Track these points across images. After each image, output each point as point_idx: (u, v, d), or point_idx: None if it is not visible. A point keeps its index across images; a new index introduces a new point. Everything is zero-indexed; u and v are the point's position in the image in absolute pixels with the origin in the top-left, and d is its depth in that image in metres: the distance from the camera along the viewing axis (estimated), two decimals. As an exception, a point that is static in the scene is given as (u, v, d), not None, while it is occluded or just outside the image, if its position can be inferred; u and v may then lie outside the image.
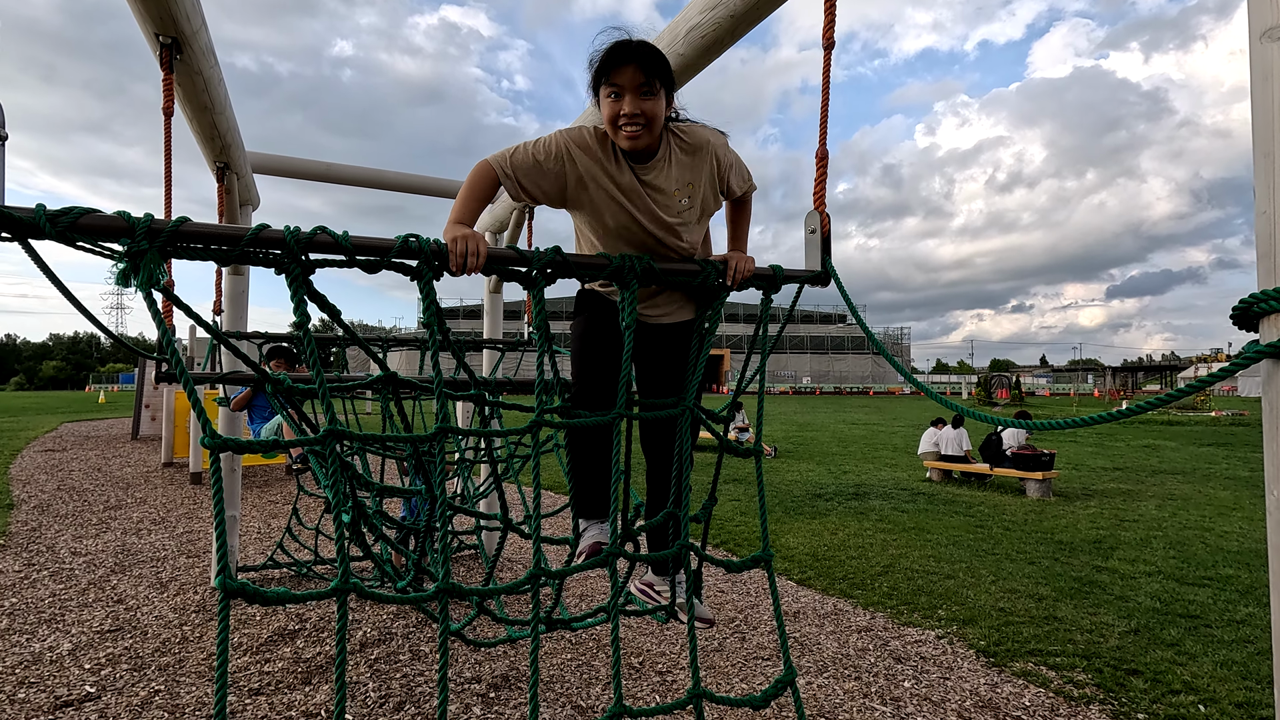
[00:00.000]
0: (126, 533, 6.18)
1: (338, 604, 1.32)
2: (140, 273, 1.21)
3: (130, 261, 1.21)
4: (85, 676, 3.25)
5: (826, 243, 1.90)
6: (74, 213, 1.20)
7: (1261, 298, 0.96)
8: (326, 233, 1.36)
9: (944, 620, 4.14)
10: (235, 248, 1.29)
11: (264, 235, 1.31)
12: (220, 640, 1.20)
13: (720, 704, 1.80)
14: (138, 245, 1.21)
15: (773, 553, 1.91)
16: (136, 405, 14.64)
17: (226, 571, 1.20)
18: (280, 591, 1.26)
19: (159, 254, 1.23)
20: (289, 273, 1.32)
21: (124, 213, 1.22)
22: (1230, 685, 3.26)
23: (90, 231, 1.21)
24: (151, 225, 1.22)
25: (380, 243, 1.42)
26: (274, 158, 4.54)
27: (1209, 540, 6.18)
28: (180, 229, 1.24)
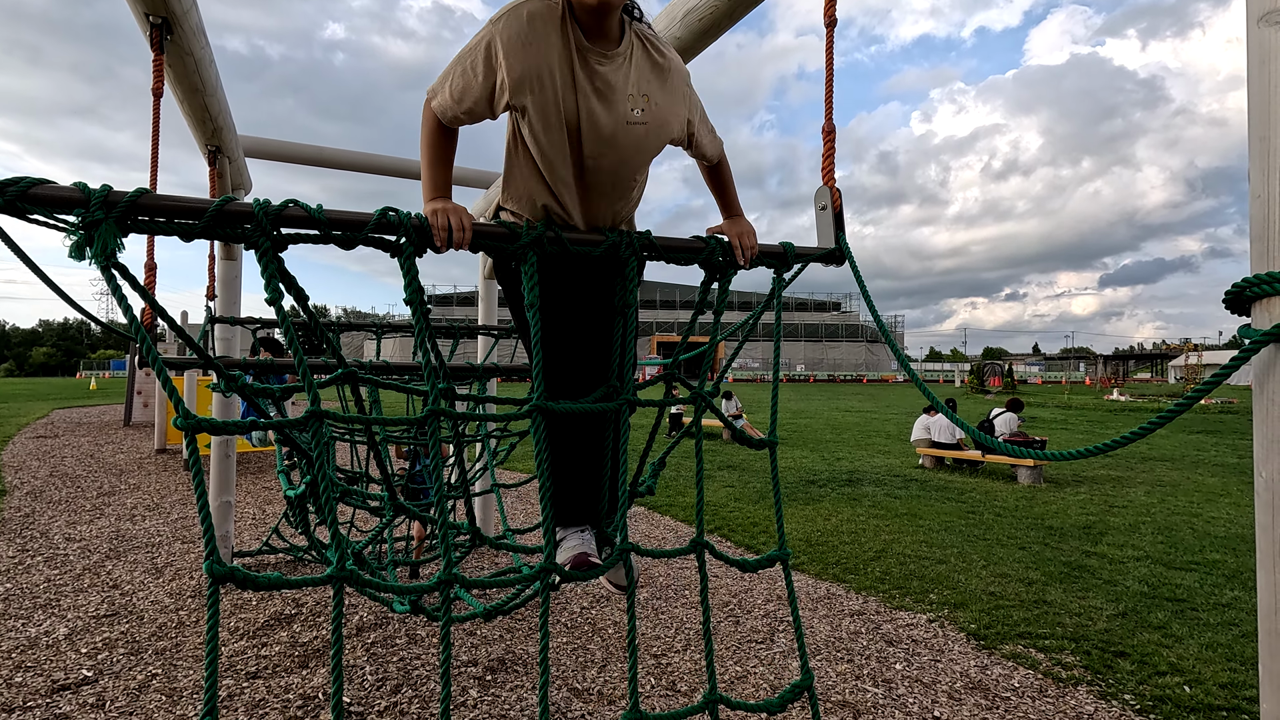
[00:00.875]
0: (121, 519, 6.17)
1: (334, 591, 1.32)
2: (95, 244, 1.18)
3: (85, 233, 1.18)
4: (82, 661, 3.26)
5: (839, 219, 1.83)
6: (24, 182, 1.16)
7: (1254, 281, 0.96)
8: (299, 205, 1.32)
9: (935, 604, 4.19)
10: (199, 220, 1.26)
11: (230, 209, 1.27)
12: (210, 625, 1.19)
13: (736, 709, 1.74)
14: (92, 215, 1.18)
15: (790, 551, 1.81)
16: (128, 392, 14.56)
17: (214, 556, 1.20)
18: (273, 577, 1.26)
19: (117, 226, 1.21)
20: (258, 248, 1.29)
21: (80, 183, 1.19)
22: (1215, 667, 3.31)
23: (42, 202, 1.17)
24: (108, 196, 1.19)
25: (356, 216, 1.37)
26: (266, 141, 4.49)
27: (1196, 526, 6.26)
28: (138, 200, 1.21)
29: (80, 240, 1.18)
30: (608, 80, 1.59)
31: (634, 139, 1.67)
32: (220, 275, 4.46)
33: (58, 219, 1.19)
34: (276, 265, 1.31)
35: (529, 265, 1.53)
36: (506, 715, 2.85)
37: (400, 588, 1.47)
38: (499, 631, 3.69)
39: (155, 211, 1.24)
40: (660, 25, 2.50)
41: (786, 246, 1.86)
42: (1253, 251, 0.99)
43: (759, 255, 1.81)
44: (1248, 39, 0.99)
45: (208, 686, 1.18)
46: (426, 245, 1.43)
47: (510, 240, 1.53)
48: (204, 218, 1.26)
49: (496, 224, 1.55)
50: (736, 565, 1.77)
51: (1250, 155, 0.99)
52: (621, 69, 1.61)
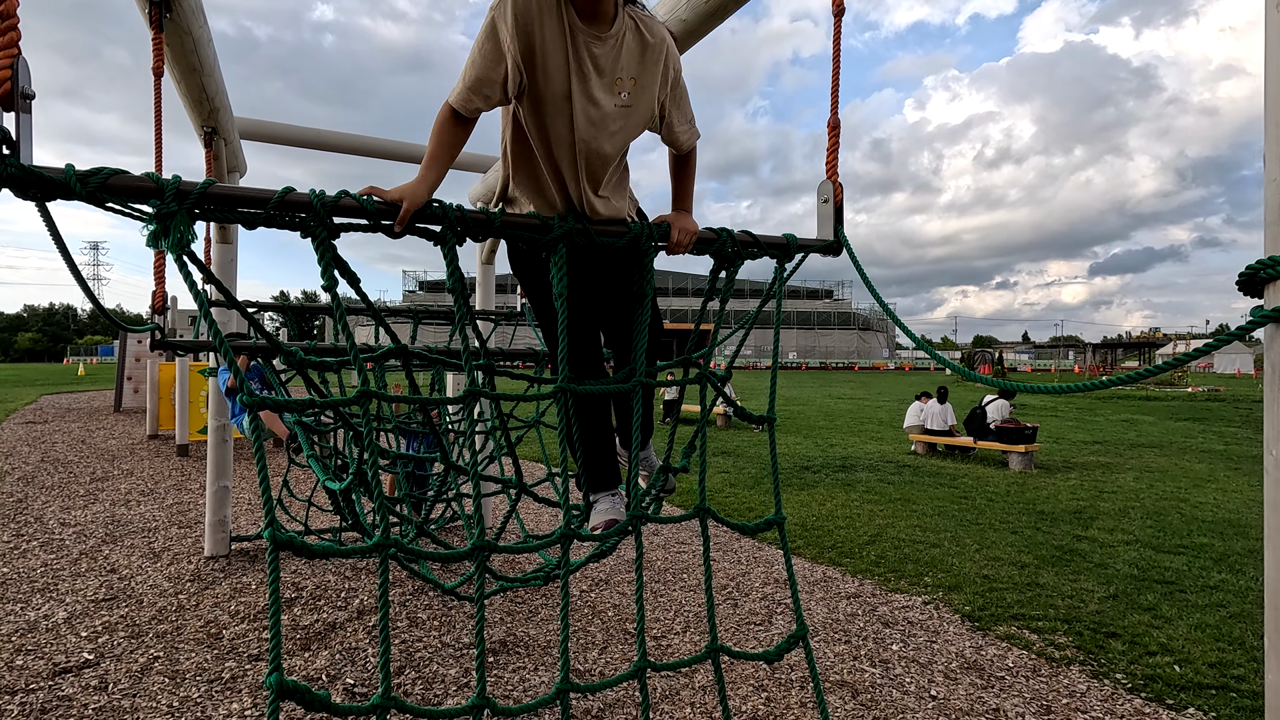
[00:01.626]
0: (115, 504, 6.15)
1: (379, 561, 1.37)
2: (170, 235, 1.21)
3: (160, 223, 1.21)
4: (83, 644, 3.27)
5: (839, 212, 1.89)
6: (103, 173, 1.20)
7: (1269, 263, 0.98)
8: (351, 197, 1.37)
9: (930, 587, 4.25)
10: (263, 210, 1.29)
11: (290, 199, 1.31)
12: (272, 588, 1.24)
13: (736, 658, 1.85)
14: (167, 207, 1.20)
15: (785, 515, 1.93)
16: (118, 378, 14.45)
17: (275, 524, 1.23)
18: (326, 545, 1.31)
19: (187, 216, 1.23)
20: (315, 236, 1.33)
21: (153, 174, 1.21)
22: (1204, 647, 3.38)
23: (119, 192, 1.20)
24: (180, 187, 1.22)
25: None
26: (261, 123, 4.44)
27: (1184, 510, 6.36)
28: (209, 191, 1.24)
29: (156, 230, 1.20)
30: (599, 63, 1.61)
31: (620, 122, 1.69)
32: (216, 259, 4.42)
33: (132, 208, 1.21)
34: (332, 254, 1.34)
35: (559, 257, 1.57)
36: (510, 695, 2.88)
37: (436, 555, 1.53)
38: (500, 615, 3.72)
39: (223, 201, 1.28)
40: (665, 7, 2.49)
41: (789, 238, 1.91)
42: (1267, 235, 1.00)
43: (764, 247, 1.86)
44: (1266, 23, 1.00)
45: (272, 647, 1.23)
46: (467, 234, 1.46)
47: (543, 232, 1.56)
48: (268, 207, 1.30)
49: (527, 216, 1.58)
50: (737, 529, 1.92)
51: (1266, 139, 1.00)
52: (613, 51, 1.62)
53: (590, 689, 1.58)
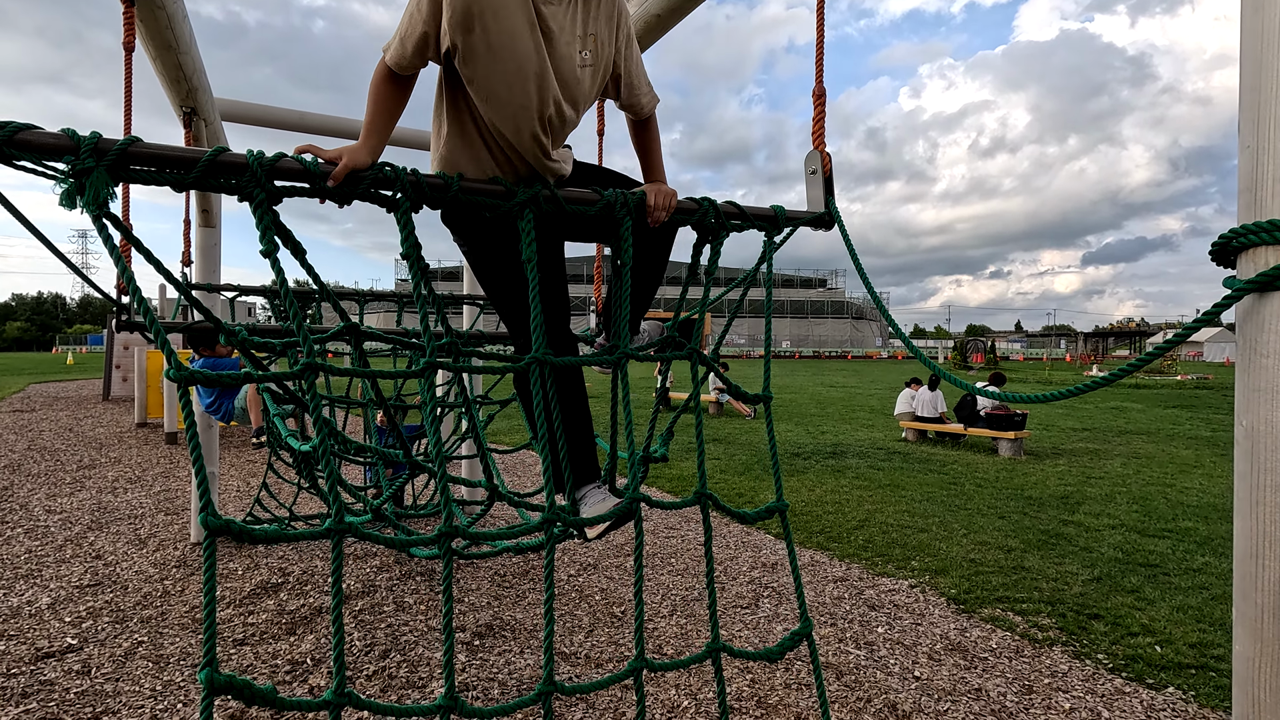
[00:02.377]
0: (102, 491, 6.11)
1: (333, 545, 1.31)
2: (86, 192, 1.16)
3: (75, 180, 1.16)
4: (66, 629, 3.25)
5: (829, 183, 1.83)
6: (10, 127, 1.13)
7: (1241, 232, 0.97)
8: (293, 159, 1.31)
9: (917, 570, 4.27)
10: (192, 171, 1.23)
11: (223, 159, 1.24)
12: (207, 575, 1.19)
13: (737, 657, 1.77)
14: (82, 163, 1.15)
15: (787, 502, 1.86)
16: (106, 366, 14.34)
17: (210, 509, 1.19)
18: (270, 530, 1.26)
19: (109, 175, 1.18)
20: (252, 199, 1.27)
21: (69, 129, 1.16)
22: (1185, 628, 3.41)
23: (30, 148, 1.14)
24: (98, 144, 1.17)
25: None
26: (243, 105, 4.37)
27: (1170, 496, 6.41)
28: (130, 149, 1.19)
29: (71, 189, 1.16)
30: (560, 21, 1.57)
31: (584, 84, 1.65)
32: (198, 243, 4.37)
33: (47, 166, 1.16)
34: (271, 218, 1.29)
35: (526, 222, 1.52)
36: (495, 679, 2.88)
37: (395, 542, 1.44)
38: (486, 599, 3.72)
39: (147, 160, 1.22)
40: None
41: (777, 209, 1.86)
42: (1240, 202, 0.99)
43: (751, 218, 1.80)
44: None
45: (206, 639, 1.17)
46: (422, 200, 1.42)
47: (506, 198, 1.51)
48: (196, 168, 1.23)
49: (489, 181, 1.54)
50: (737, 517, 1.82)
51: (1241, 106, 0.99)
52: (570, 9, 1.58)
53: (577, 690, 1.49)
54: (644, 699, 1.60)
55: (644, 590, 3.87)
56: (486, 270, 1.81)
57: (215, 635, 1.16)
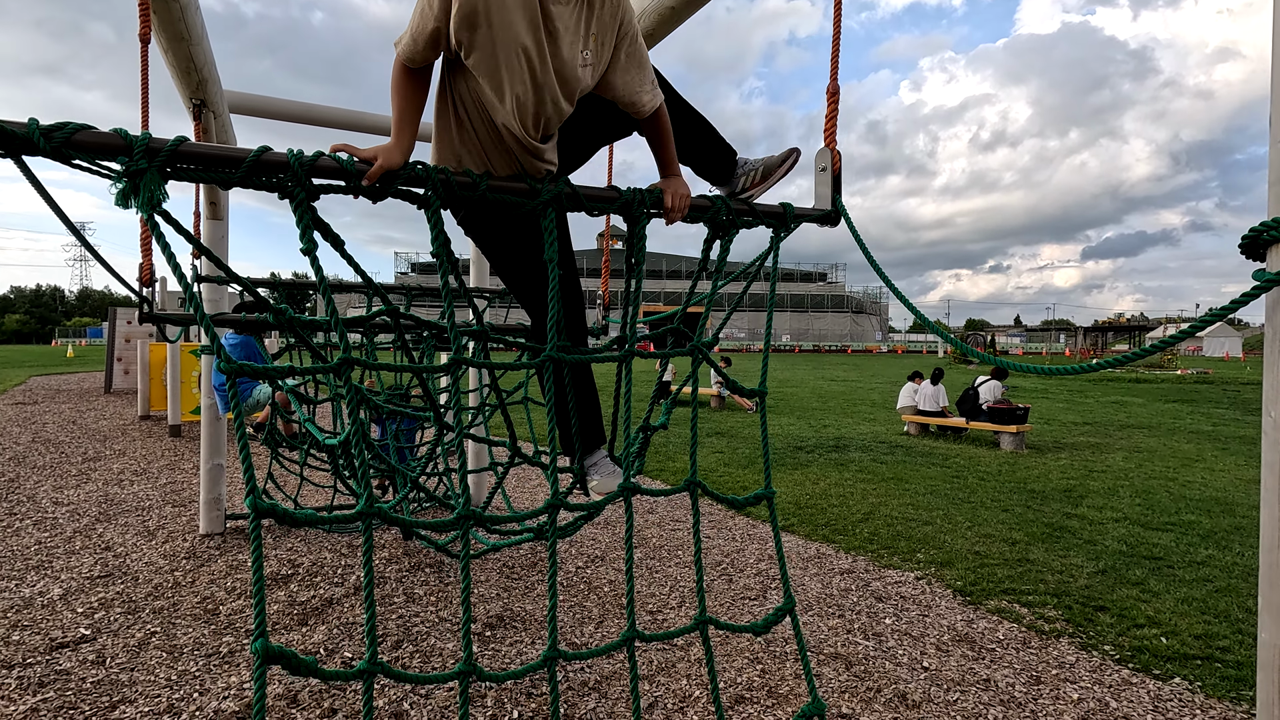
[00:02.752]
0: (108, 483, 6.12)
1: (362, 528, 1.34)
2: (140, 193, 1.18)
3: (129, 181, 1.18)
4: (79, 620, 3.27)
5: (837, 180, 1.86)
6: (69, 128, 1.16)
7: (1272, 225, 0.98)
8: (330, 157, 1.33)
9: (922, 563, 4.29)
10: (238, 170, 1.25)
11: (266, 158, 1.27)
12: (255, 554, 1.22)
13: (724, 629, 1.85)
14: (136, 164, 1.17)
15: (775, 489, 1.93)
16: (108, 359, 14.33)
17: (257, 493, 1.21)
18: (308, 513, 1.29)
19: (159, 174, 1.20)
20: (293, 197, 1.30)
21: (121, 130, 1.17)
22: (1190, 619, 3.44)
23: (86, 148, 1.17)
24: (150, 144, 1.18)
25: (388, 171, 1.40)
26: (251, 97, 4.36)
27: (1173, 489, 6.43)
28: (180, 148, 1.21)
29: (125, 188, 1.18)
30: (564, 20, 1.57)
31: (584, 82, 1.65)
32: (206, 235, 4.37)
33: (100, 165, 1.18)
34: (311, 216, 1.32)
35: (549, 221, 1.54)
36: (506, 668, 2.90)
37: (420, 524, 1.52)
38: (496, 590, 3.74)
39: (196, 160, 1.25)
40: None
41: (786, 207, 1.89)
42: (1270, 195, 1.00)
43: (760, 215, 1.83)
44: (1275, -19, 0.99)
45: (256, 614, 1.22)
46: (451, 198, 1.44)
47: (531, 196, 1.53)
48: (242, 167, 1.27)
49: (510, 179, 1.55)
50: (726, 503, 1.91)
51: (1272, 100, 1.00)
52: (575, 9, 1.59)
53: (578, 656, 1.59)
54: (636, 666, 1.72)
55: (653, 582, 3.90)
56: (507, 266, 1.84)
57: (264, 609, 1.20)
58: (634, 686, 1.64)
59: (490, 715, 2.56)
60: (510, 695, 2.69)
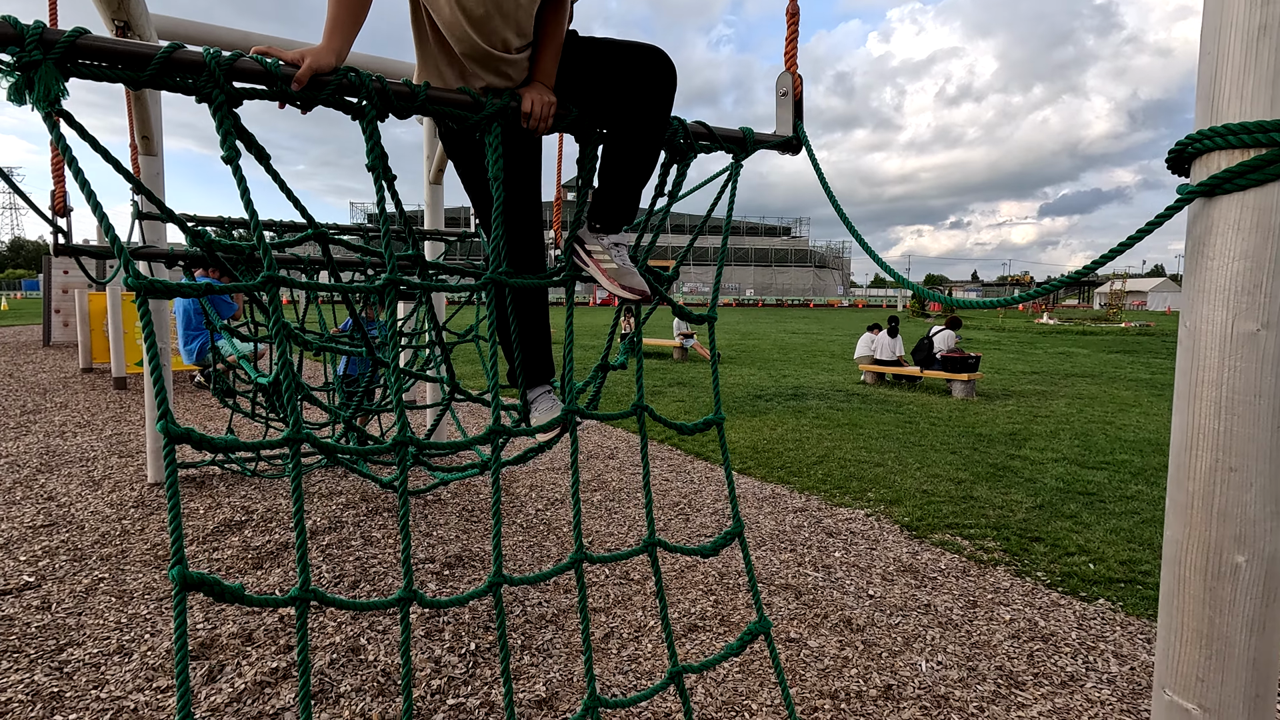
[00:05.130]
0: (50, 435, 5.91)
1: (290, 452, 1.31)
2: (35, 88, 1.09)
3: (23, 74, 1.09)
4: (21, 568, 3.18)
5: (799, 106, 1.82)
6: None
7: (1197, 138, 1.00)
8: (254, 59, 1.24)
9: (872, 501, 4.45)
10: (146, 68, 1.17)
11: (179, 56, 1.18)
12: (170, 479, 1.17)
13: (673, 551, 1.88)
14: (29, 54, 1.08)
15: (724, 415, 1.95)
16: (45, 311, 13.68)
17: (169, 418, 1.16)
18: (227, 439, 1.24)
19: (58, 69, 1.11)
20: (211, 100, 1.22)
21: (10, 17, 1.08)
22: (1117, 548, 3.65)
23: None
24: (44, 35, 1.09)
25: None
26: (183, 23, 4.09)
27: (1109, 432, 6.75)
28: (79, 41, 1.11)
29: (19, 82, 1.08)
30: None
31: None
32: (141, 172, 4.14)
33: None
34: (232, 121, 1.24)
35: (493, 137, 1.49)
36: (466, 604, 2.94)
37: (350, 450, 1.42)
38: (455, 533, 3.76)
39: (99, 55, 1.14)
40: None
41: (745, 131, 1.85)
42: (1198, 110, 1.02)
43: (720, 139, 1.79)
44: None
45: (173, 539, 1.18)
46: (388, 108, 1.38)
47: (474, 109, 1.47)
48: (151, 64, 1.16)
49: (457, 92, 1.48)
50: (675, 428, 1.90)
51: (1204, 12, 1.01)
52: None
53: (523, 581, 1.57)
54: (585, 588, 1.71)
55: (612, 523, 3.96)
56: (469, 185, 1.79)
57: (181, 536, 1.16)
58: (582, 606, 1.67)
59: (448, 647, 2.60)
60: (468, 629, 2.74)
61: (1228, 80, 0.96)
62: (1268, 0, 0.92)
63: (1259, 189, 0.94)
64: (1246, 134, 0.94)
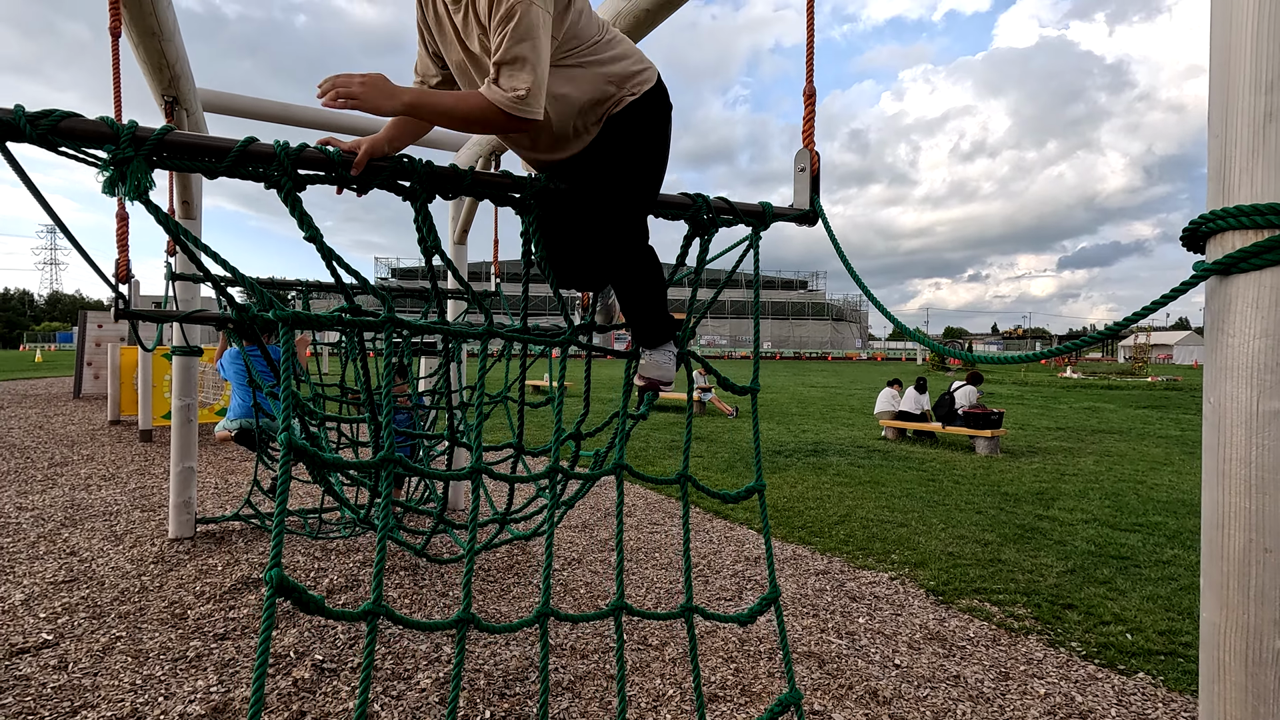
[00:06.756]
0: (75, 488, 5.99)
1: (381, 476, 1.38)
2: (128, 181, 1.19)
3: (116, 169, 1.19)
4: (41, 625, 3.19)
5: (815, 181, 1.92)
6: (55, 115, 1.17)
7: (1210, 217, 1.02)
8: (316, 149, 1.35)
9: (896, 564, 4.34)
10: (224, 160, 1.27)
11: (254, 149, 1.30)
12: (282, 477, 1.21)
13: (710, 619, 1.91)
14: (123, 151, 1.18)
15: (765, 482, 2.01)
16: (78, 363, 14.04)
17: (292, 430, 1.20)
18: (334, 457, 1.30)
19: (145, 163, 1.21)
20: (280, 187, 1.32)
21: (107, 118, 1.18)
22: (1155, 616, 3.51)
23: (73, 135, 1.18)
24: (136, 132, 1.20)
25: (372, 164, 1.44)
26: (225, 95, 4.32)
27: (1141, 491, 6.57)
28: (167, 137, 1.22)
29: (113, 176, 1.19)
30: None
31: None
32: (179, 234, 4.31)
33: (86, 154, 1.20)
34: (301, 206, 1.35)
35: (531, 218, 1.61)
36: (480, 669, 2.89)
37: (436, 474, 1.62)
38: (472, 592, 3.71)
39: (183, 149, 1.28)
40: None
41: (765, 205, 1.94)
42: (1209, 189, 1.04)
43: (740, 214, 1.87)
44: (1211, -15, 1.03)
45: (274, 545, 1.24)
46: (435, 189, 1.47)
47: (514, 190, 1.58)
48: (229, 156, 1.29)
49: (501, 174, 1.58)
50: (719, 497, 1.97)
51: (1210, 96, 1.04)
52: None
53: (570, 618, 1.67)
54: (622, 636, 1.77)
55: (629, 584, 3.90)
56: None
57: (282, 541, 1.26)
58: (619, 656, 1.70)
59: (463, 715, 2.54)
60: (483, 695, 2.68)
61: (1237, 163, 0.98)
62: (1271, 89, 0.95)
63: (1276, 268, 0.95)
64: (1259, 215, 0.96)
